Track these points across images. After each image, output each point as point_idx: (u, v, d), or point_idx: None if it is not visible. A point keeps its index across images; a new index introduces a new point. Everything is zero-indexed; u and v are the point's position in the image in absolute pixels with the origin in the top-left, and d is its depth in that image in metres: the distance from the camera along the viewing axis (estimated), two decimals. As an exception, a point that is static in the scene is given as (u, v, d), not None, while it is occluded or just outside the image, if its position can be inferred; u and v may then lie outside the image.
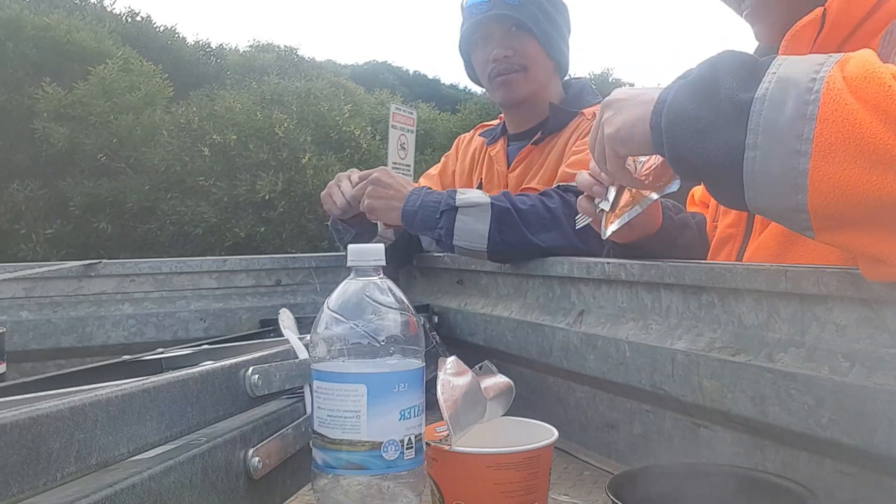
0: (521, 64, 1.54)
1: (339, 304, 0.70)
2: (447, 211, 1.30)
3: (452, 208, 1.29)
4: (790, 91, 0.63)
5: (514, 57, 1.53)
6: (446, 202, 1.30)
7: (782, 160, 0.62)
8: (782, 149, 0.62)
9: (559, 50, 1.56)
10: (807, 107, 0.62)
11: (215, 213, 6.51)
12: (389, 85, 12.71)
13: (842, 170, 0.60)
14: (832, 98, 0.61)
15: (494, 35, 1.54)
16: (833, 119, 0.60)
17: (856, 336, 0.69)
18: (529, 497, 0.75)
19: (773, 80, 0.65)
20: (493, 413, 0.82)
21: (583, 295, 1.11)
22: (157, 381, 0.59)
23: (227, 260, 1.71)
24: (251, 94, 7.46)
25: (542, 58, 1.54)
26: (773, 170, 0.63)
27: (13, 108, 6.93)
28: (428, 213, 1.32)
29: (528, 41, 1.52)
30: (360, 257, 0.71)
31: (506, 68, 1.55)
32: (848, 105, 0.60)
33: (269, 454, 0.72)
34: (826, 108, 0.61)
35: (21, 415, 0.44)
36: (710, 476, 0.70)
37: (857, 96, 0.61)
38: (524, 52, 1.53)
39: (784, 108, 0.62)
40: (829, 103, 0.61)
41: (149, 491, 0.55)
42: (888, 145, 0.58)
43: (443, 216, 1.30)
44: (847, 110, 0.60)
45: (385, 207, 1.37)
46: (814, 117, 0.61)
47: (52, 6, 8.30)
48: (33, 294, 1.53)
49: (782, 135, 0.62)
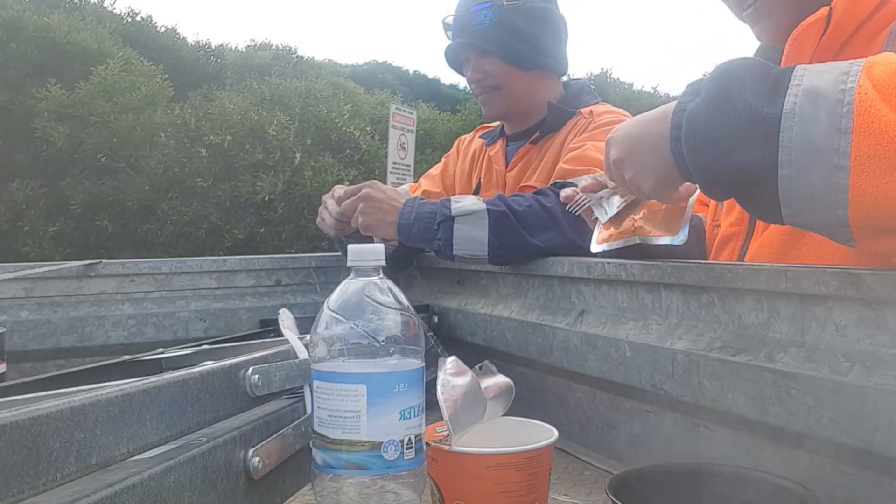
0: (494, 85, 1.58)
1: (339, 304, 0.70)
2: (444, 221, 1.30)
3: (449, 218, 1.29)
4: (820, 104, 0.61)
5: (487, 79, 1.58)
6: (441, 212, 1.30)
7: (821, 176, 0.60)
8: (820, 165, 0.60)
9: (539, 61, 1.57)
10: (840, 120, 0.60)
11: (216, 213, 6.51)
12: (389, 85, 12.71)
13: (882, 182, 0.59)
14: (865, 109, 0.59)
15: (468, 58, 1.60)
16: (869, 131, 0.59)
17: (856, 336, 0.69)
18: (529, 497, 0.75)
19: (800, 93, 0.63)
20: (493, 413, 0.82)
21: (583, 295, 1.11)
22: (157, 381, 0.59)
23: (227, 260, 1.71)
24: (252, 95, 7.46)
25: (514, 74, 1.56)
26: (810, 187, 0.61)
27: (14, 108, 6.93)
28: (424, 226, 1.32)
29: (497, 63, 1.56)
30: (360, 257, 0.71)
31: (481, 90, 1.61)
32: (883, 116, 0.59)
33: (269, 454, 0.72)
34: (861, 119, 0.59)
35: (21, 415, 0.44)
36: (710, 476, 0.70)
37: (890, 104, 0.59)
38: (494, 73, 1.57)
39: (818, 123, 0.61)
40: (863, 115, 0.59)
41: (149, 491, 0.55)
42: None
43: (440, 227, 1.30)
44: (883, 121, 0.59)
45: (379, 223, 1.37)
46: (849, 131, 0.59)
47: (52, 7, 8.30)
48: (33, 294, 1.53)
49: (819, 150, 0.60)
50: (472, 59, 1.59)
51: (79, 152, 6.81)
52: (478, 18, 1.54)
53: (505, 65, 1.55)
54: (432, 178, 1.84)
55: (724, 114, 0.67)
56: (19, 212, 6.66)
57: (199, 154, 6.58)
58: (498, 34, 1.53)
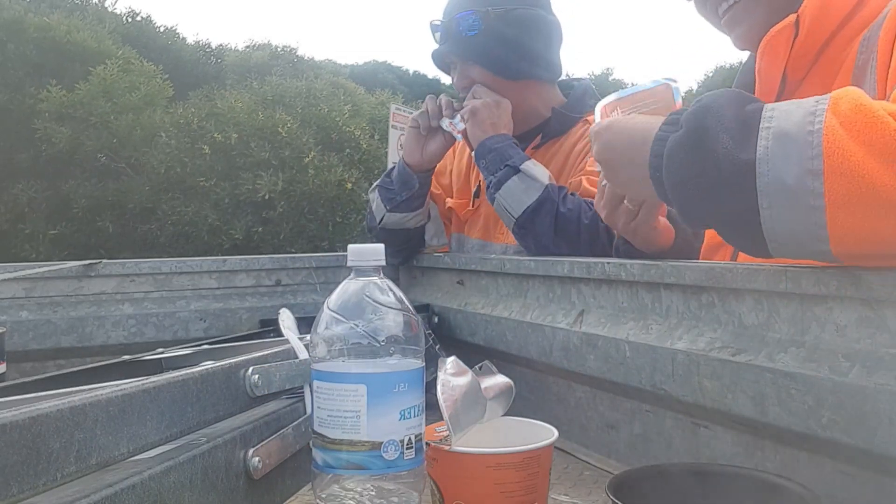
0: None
1: (339, 304, 0.70)
2: (510, 167, 1.38)
3: (515, 168, 1.37)
4: (790, 147, 0.63)
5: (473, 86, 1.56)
6: (515, 160, 1.39)
7: (799, 217, 0.62)
8: (797, 206, 0.62)
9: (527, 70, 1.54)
10: (811, 162, 0.61)
11: (216, 213, 6.51)
12: (389, 85, 12.70)
13: (858, 218, 0.60)
14: (834, 150, 0.60)
15: (455, 64, 1.58)
16: (840, 171, 0.60)
17: (856, 336, 0.69)
18: (529, 497, 0.75)
19: (771, 137, 0.64)
20: (493, 413, 0.82)
21: (583, 295, 1.11)
22: (157, 381, 0.59)
23: (227, 260, 1.71)
24: (252, 95, 7.46)
25: (501, 84, 1.53)
26: (791, 226, 0.63)
27: (14, 109, 6.93)
28: (497, 158, 1.40)
29: (482, 72, 1.53)
30: (360, 257, 0.71)
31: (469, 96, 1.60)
32: (853, 155, 0.60)
33: (269, 454, 0.72)
34: (831, 160, 0.60)
35: (21, 415, 0.44)
36: (711, 476, 0.70)
37: (859, 142, 0.60)
38: (481, 81, 1.55)
39: (790, 166, 0.62)
40: (832, 155, 0.60)
41: (149, 491, 0.55)
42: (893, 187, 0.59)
43: (504, 168, 1.38)
44: (853, 160, 0.60)
45: (483, 122, 1.45)
46: (820, 172, 0.61)
47: (52, 7, 8.30)
48: (33, 294, 1.53)
49: (794, 193, 0.62)
50: (458, 65, 1.57)
51: (79, 153, 6.81)
52: (464, 25, 1.51)
53: (490, 74, 1.52)
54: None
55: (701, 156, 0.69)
56: (20, 214, 6.67)
57: (201, 152, 6.58)
58: (483, 43, 1.50)
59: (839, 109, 0.62)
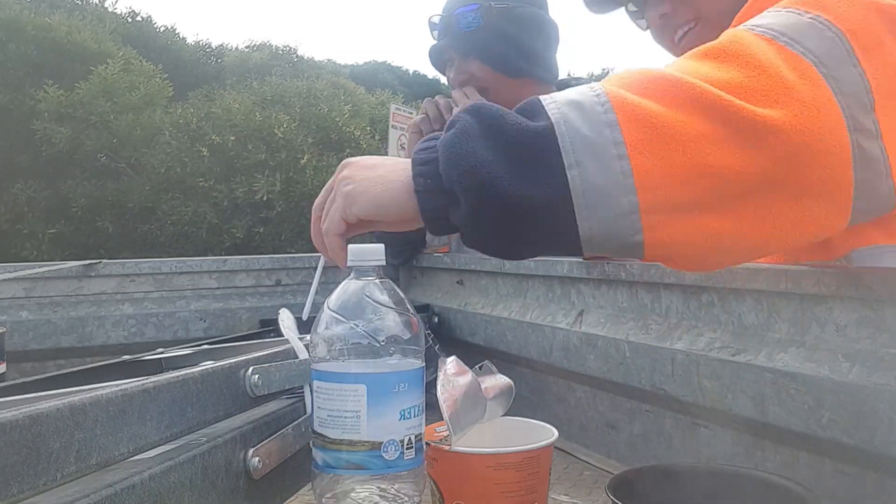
0: (480, 88, 1.56)
1: (339, 304, 0.70)
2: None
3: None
4: (582, 109, 0.64)
5: (472, 81, 1.56)
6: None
7: (607, 167, 0.62)
8: (603, 157, 0.62)
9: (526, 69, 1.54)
10: (605, 115, 0.63)
11: (216, 214, 6.51)
12: (389, 85, 12.69)
13: (660, 159, 0.61)
14: (620, 103, 0.63)
15: (453, 60, 1.58)
16: (632, 118, 0.62)
17: (856, 336, 0.69)
18: (529, 497, 0.75)
19: (560, 105, 0.65)
20: (494, 413, 0.82)
21: (583, 295, 1.11)
22: (157, 381, 0.59)
23: (227, 260, 1.71)
24: (252, 95, 7.46)
25: (500, 79, 1.53)
26: (600, 180, 0.62)
27: (14, 109, 6.93)
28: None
29: (482, 67, 1.53)
30: (360, 257, 0.71)
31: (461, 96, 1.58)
32: (637, 103, 0.63)
33: (269, 454, 0.72)
34: (622, 113, 0.63)
35: (21, 415, 0.44)
36: (711, 476, 0.70)
37: (638, 93, 0.63)
38: (480, 76, 1.55)
39: (587, 123, 0.63)
40: (620, 107, 0.63)
41: (149, 491, 0.55)
42: (691, 125, 0.61)
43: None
44: (639, 108, 0.62)
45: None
46: (616, 123, 0.62)
47: (52, 7, 8.29)
48: (33, 294, 1.53)
49: (596, 146, 0.62)
50: (457, 61, 1.56)
51: (79, 153, 6.80)
52: (464, 21, 1.51)
53: (490, 70, 1.53)
54: None
55: (488, 139, 0.65)
56: (20, 214, 6.66)
57: (200, 154, 6.58)
58: (484, 38, 1.51)
59: (609, 79, 0.67)
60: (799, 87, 0.63)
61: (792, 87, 0.63)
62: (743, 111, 0.61)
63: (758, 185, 0.62)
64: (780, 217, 0.63)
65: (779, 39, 0.66)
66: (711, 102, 0.62)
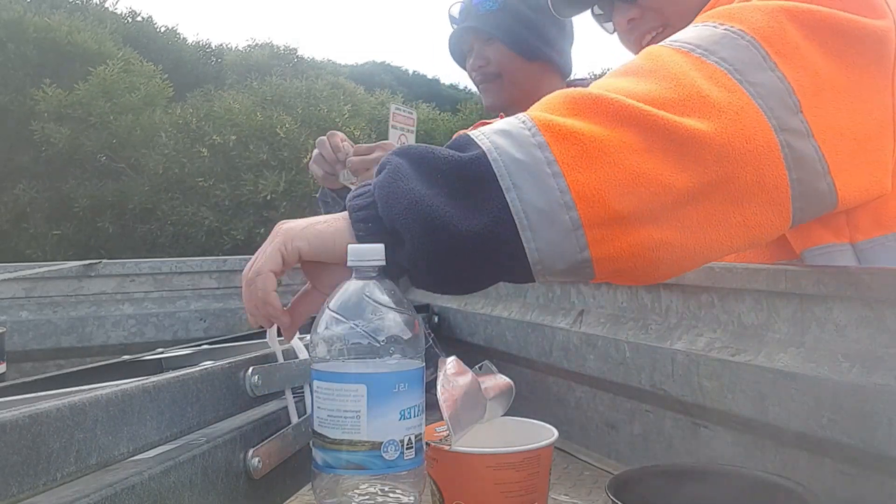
0: (495, 72, 1.58)
1: (339, 304, 0.70)
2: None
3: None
4: (511, 135, 0.65)
5: (488, 66, 1.58)
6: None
7: (544, 188, 0.63)
8: (538, 178, 0.63)
9: (544, 51, 1.57)
10: (534, 138, 0.64)
11: (215, 214, 6.51)
12: (388, 85, 12.69)
13: (593, 172, 0.62)
14: (546, 124, 0.64)
15: (473, 45, 1.60)
16: (560, 137, 0.63)
17: (855, 336, 0.69)
18: (529, 497, 0.75)
19: (489, 135, 0.66)
20: (494, 413, 0.82)
21: (583, 295, 1.11)
22: (157, 381, 0.59)
23: (227, 260, 1.71)
24: (252, 95, 7.46)
25: (518, 63, 1.56)
26: (539, 200, 0.63)
27: (14, 109, 6.93)
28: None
29: (501, 50, 1.56)
30: (360, 257, 0.71)
31: (482, 77, 1.60)
32: (562, 124, 0.64)
33: (269, 454, 0.72)
34: (549, 134, 0.64)
35: (21, 415, 0.44)
36: (710, 476, 0.70)
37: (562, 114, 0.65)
38: (497, 60, 1.57)
39: (518, 148, 0.64)
40: (548, 130, 0.64)
41: (149, 491, 0.55)
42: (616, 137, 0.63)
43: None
44: (565, 128, 0.64)
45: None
46: (545, 144, 0.63)
47: (53, 7, 8.29)
48: (33, 294, 1.53)
49: (530, 167, 0.63)
50: (476, 45, 1.59)
51: (79, 153, 6.81)
52: (483, 5, 1.55)
53: (508, 50, 1.55)
54: None
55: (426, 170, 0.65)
56: (21, 214, 6.67)
57: (200, 154, 6.58)
58: (502, 19, 1.54)
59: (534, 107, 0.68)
60: (714, 94, 0.65)
61: (707, 95, 0.65)
62: (663, 121, 0.63)
63: (694, 191, 0.63)
64: (722, 222, 0.65)
65: (694, 52, 0.68)
66: (633, 115, 0.63)
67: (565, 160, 0.63)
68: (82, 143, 6.74)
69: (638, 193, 0.63)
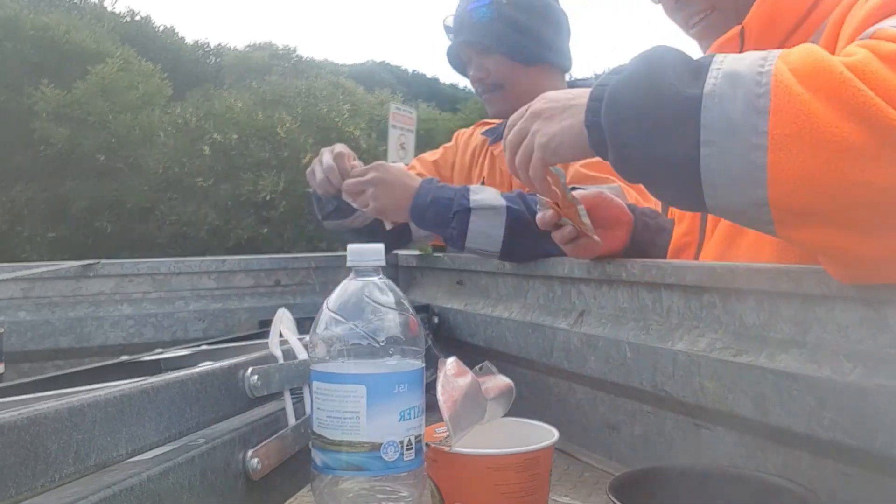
0: (496, 83, 1.57)
1: (338, 304, 0.70)
2: (460, 212, 1.26)
3: (466, 210, 1.25)
4: (739, 86, 0.62)
5: (489, 78, 1.58)
6: (459, 202, 1.26)
7: (740, 155, 0.61)
8: (739, 144, 0.61)
9: (542, 54, 1.57)
10: (758, 100, 0.61)
11: (216, 214, 6.51)
12: (388, 84, 12.69)
13: (800, 162, 0.59)
14: (781, 90, 0.60)
15: (470, 57, 1.60)
16: (786, 110, 0.59)
17: (858, 337, 0.69)
18: (530, 498, 0.74)
19: (720, 76, 0.64)
20: (494, 414, 0.82)
21: (583, 295, 1.11)
22: (156, 381, 0.59)
23: (226, 260, 1.71)
24: (252, 94, 7.46)
25: (518, 70, 1.55)
26: (731, 165, 0.62)
27: (12, 109, 6.93)
28: (440, 211, 1.28)
29: (500, 60, 1.55)
30: (359, 257, 0.71)
31: (484, 89, 1.60)
32: (799, 96, 0.59)
33: (268, 455, 0.72)
34: (777, 100, 0.60)
35: (19, 415, 0.44)
36: (712, 477, 0.70)
37: (807, 86, 0.60)
38: (496, 71, 1.56)
39: (736, 103, 0.62)
40: (779, 95, 0.60)
41: (147, 492, 0.55)
42: (844, 133, 0.57)
43: (455, 217, 1.26)
44: (799, 101, 0.59)
45: (395, 207, 1.32)
46: (766, 110, 0.60)
47: (51, 6, 8.29)
48: (31, 294, 1.53)
49: (738, 129, 0.61)
50: (474, 58, 1.58)
51: (77, 153, 6.81)
52: (476, 15, 1.54)
53: (507, 60, 1.55)
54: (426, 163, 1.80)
55: (646, 92, 0.67)
56: (19, 215, 6.67)
57: (200, 153, 6.58)
58: (497, 29, 1.53)
59: (789, 58, 0.63)
60: None
61: None
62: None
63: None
64: None
65: None
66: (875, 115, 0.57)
67: (777, 137, 0.59)
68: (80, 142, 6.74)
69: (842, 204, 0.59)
